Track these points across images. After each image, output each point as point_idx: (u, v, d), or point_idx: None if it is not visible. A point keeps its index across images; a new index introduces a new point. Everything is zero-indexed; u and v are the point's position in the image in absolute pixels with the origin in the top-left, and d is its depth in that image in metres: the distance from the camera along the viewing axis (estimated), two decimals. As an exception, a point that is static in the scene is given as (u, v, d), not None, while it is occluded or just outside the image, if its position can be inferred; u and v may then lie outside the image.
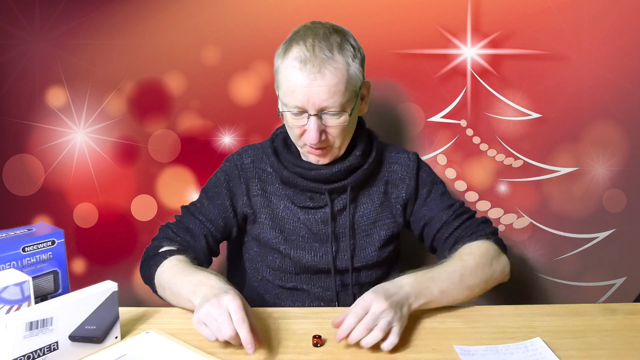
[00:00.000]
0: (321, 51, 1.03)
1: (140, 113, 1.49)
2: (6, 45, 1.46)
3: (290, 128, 1.11)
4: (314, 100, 1.03)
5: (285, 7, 1.44)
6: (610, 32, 1.44)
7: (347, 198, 1.15)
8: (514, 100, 1.47)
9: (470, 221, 1.17)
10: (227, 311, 0.85)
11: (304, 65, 1.02)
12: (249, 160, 1.19)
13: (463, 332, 0.95)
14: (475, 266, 1.04)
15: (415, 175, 1.20)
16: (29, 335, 0.79)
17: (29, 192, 1.50)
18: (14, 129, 1.48)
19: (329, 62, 1.02)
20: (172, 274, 1.02)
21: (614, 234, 1.52)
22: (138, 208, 1.52)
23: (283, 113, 1.09)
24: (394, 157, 1.22)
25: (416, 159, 1.22)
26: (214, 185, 1.21)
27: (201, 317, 0.87)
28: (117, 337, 0.91)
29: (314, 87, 1.02)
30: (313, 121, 1.05)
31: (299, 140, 1.11)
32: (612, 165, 1.50)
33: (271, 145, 1.18)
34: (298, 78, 1.03)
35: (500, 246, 1.14)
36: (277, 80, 1.10)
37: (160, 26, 1.46)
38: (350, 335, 0.87)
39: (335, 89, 1.03)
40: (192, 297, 0.94)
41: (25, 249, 0.94)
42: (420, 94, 1.47)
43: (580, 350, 0.89)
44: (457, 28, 1.44)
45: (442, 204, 1.19)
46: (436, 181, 1.23)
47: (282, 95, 1.08)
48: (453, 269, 1.03)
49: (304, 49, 1.03)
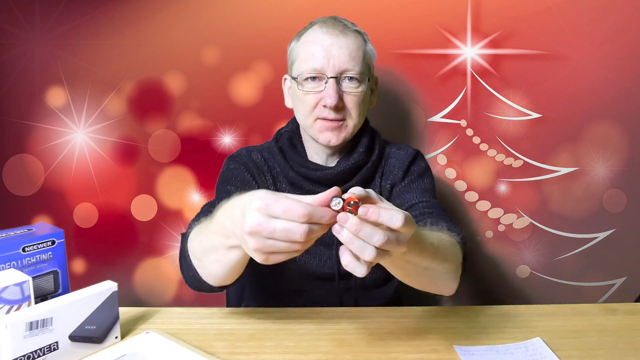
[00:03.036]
0: (342, 21, 1.08)
1: (140, 113, 1.49)
2: (6, 45, 1.46)
3: (302, 100, 1.07)
4: (334, 62, 1.03)
5: (285, 7, 1.44)
6: (610, 32, 1.44)
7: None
8: (514, 100, 1.47)
9: (443, 217, 1.04)
10: (270, 204, 0.64)
11: (326, 28, 1.05)
12: (259, 157, 1.15)
13: (463, 332, 0.95)
14: (447, 252, 0.88)
15: (407, 167, 1.15)
16: (29, 335, 0.78)
17: (29, 192, 1.50)
18: (14, 129, 1.48)
19: (349, 28, 1.07)
20: (195, 237, 0.87)
21: (614, 234, 1.52)
22: (138, 208, 1.52)
23: (297, 83, 1.07)
24: (393, 153, 1.18)
25: (414, 154, 1.18)
26: (234, 175, 1.10)
27: (254, 228, 0.63)
28: (117, 337, 0.91)
29: (335, 47, 1.04)
30: (332, 83, 1.04)
31: (312, 112, 1.07)
32: (612, 165, 1.50)
33: (276, 145, 1.15)
34: (319, 38, 1.05)
35: (464, 260, 0.96)
36: (291, 59, 1.11)
37: (160, 26, 1.46)
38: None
39: (356, 53, 1.05)
40: (224, 239, 0.76)
41: (25, 249, 0.94)
42: (420, 94, 1.47)
43: (580, 350, 0.89)
44: (457, 28, 1.44)
45: (421, 194, 1.10)
46: (425, 176, 1.16)
47: (300, 63, 1.07)
48: (438, 239, 0.86)
49: (324, 21, 1.07)
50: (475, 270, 1.54)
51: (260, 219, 0.63)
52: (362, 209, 0.63)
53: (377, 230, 0.63)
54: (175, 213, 1.52)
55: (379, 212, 0.62)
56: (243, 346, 0.90)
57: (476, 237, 1.53)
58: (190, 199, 1.51)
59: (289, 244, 0.64)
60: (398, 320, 0.98)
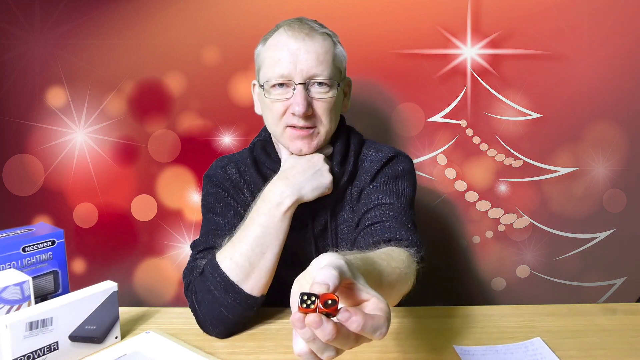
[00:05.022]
0: (308, 23, 1.02)
1: (140, 113, 1.49)
2: (6, 45, 1.46)
3: (270, 108, 1.02)
4: (302, 67, 0.98)
5: (285, 7, 1.44)
6: (610, 32, 1.44)
7: (328, 217, 1.05)
8: (514, 100, 1.47)
9: (400, 223, 0.98)
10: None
11: (292, 32, 1.00)
12: (234, 171, 1.10)
13: (463, 332, 0.95)
14: (403, 274, 0.79)
15: (377, 170, 1.06)
16: (29, 335, 0.79)
17: (29, 192, 1.50)
18: (14, 129, 1.48)
19: (316, 31, 1.01)
20: (232, 252, 0.92)
21: (614, 234, 1.52)
22: (138, 208, 1.52)
23: (264, 90, 1.01)
24: (370, 156, 1.08)
25: (389, 156, 1.07)
26: (214, 201, 1.08)
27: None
28: (117, 337, 0.91)
29: (302, 52, 0.98)
30: (299, 89, 0.98)
31: (281, 120, 1.01)
32: (612, 165, 1.50)
33: (250, 156, 1.09)
34: (286, 43, 0.99)
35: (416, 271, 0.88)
36: (258, 64, 1.06)
37: (160, 26, 1.46)
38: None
39: (324, 57, 0.99)
40: (274, 208, 0.95)
41: (25, 249, 0.94)
42: (420, 94, 1.47)
43: (580, 350, 0.89)
44: (457, 28, 1.44)
45: (387, 199, 1.02)
46: (400, 181, 1.06)
47: (266, 70, 1.01)
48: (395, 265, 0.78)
49: (290, 24, 1.02)
50: (475, 271, 1.54)
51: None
52: (344, 314, 0.50)
53: (351, 338, 0.52)
54: (175, 213, 1.52)
55: (364, 324, 0.50)
56: (243, 346, 0.90)
57: (463, 240, 1.53)
58: (191, 199, 1.51)
59: None
60: (398, 320, 0.98)
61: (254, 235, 0.93)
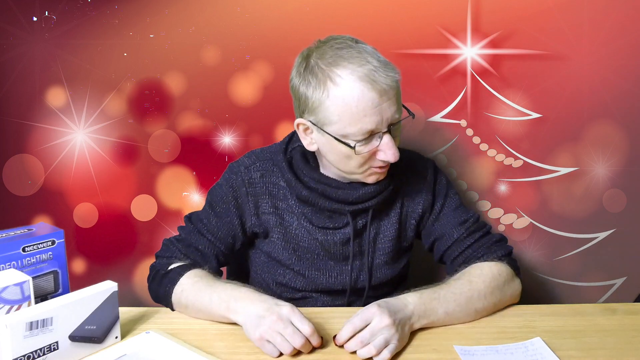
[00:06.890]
0: (371, 61, 0.93)
1: (140, 113, 1.49)
2: (6, 45, 1.46)
3: (351, 159, 0.98)
4: (387, 116, 0.94)
5: (285, 7, 1.44)
6: (610, 32, 1.44)
7: (368, 218, 1.09)
8: (514, 100, 1.47)
9: (483, 240, 1.10)
10: (290, 323, 0.86)
11: (374, 81, 0.91)
12: (258, 175, 1.10)
13: (463, 332, 0.95)
14: (484, 289, 1.00)
15: (432, 188, 1.14)
16: (29, 335, 0.79)
17: (29, 192, 1.50)
18: (14, 129, 1.48)
19: (390, 72, 0.93)
20: (195, 291, 0.99)
21: (614, 234, 1.52)
22: (138, 208, 1.52)
23: (351, 147, 0.95)
24: (410, 166, 1.14)
25: (433, 170, 1.16)
26: (221, 200, 1.12)
27: (264, 334, 0.86)
28: (117, 337, 0.91)
29: (385, 101, 0.93)
30: (388, 138, 0.95)
31: (365, 164, 1.00)
32: (612, 165, 1.50)
33: (285, 159, 1.08)
34: (369, 98, 0.91)
35: (514, 268, 1.08)
36: (318, 112, 0.96)
37: (160, 26, 1.46)
38: (346, 345, 0.87)
39: (399, 97, 0.97)
40: (229, 314, 0.93)
41: (25, 249, 0.94)
42: (420, 94, 1.47)
43: (580, 350, 0.89)
44: (457, 28, 1.44)
45: (454, 219, 1.12)
46: (450, 193, 1.16)
47: (343, 125, 0.94)
48: (460, 290, 0.98)
49: (364, 66, 0.92)
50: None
51: (264, 335, 0.87)
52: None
53: (356, 342, 0.87)
54: (175, 213, 1.52)
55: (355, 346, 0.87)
56: (243, 346, 0.90)
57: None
58: (190, 199, 1.51)
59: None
60: (398, 320, 0.98)
61: (207, 306, 0.97)
